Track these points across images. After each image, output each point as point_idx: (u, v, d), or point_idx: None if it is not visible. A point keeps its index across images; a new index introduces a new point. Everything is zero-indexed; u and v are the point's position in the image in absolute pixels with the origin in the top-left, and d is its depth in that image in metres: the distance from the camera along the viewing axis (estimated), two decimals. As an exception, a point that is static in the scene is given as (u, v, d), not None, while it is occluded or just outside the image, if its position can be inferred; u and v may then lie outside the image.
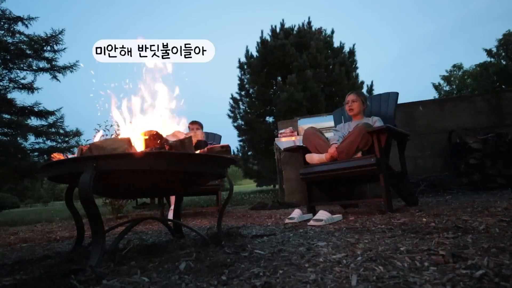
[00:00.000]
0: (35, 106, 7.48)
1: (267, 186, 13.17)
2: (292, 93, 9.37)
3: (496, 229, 1.33)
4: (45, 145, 7.71)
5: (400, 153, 2.72)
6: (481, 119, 4.25)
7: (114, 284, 0.94)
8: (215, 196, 3.98)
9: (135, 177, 1.38)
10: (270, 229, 1.98)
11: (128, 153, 1.31)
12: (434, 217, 1.84)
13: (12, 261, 1.48)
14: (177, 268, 1.07)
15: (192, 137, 1.57)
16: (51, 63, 7.59)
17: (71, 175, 1.35)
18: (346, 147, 2.44)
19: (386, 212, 2.22)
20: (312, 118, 4.72)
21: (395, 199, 3.03)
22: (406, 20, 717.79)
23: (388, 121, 2.71)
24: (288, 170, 4.51)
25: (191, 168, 1.42)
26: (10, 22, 7.09)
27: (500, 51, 18.52)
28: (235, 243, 1.45)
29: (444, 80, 24.17)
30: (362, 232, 1.58)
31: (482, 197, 2.86)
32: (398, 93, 2.82)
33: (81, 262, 1.22)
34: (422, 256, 1.02)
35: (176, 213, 1.92)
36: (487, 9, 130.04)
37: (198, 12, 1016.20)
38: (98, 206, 1.25)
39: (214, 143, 3.50)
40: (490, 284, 0.75)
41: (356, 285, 0.81)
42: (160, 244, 1.59)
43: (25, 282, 1.01)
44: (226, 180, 1.72)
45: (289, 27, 11.60)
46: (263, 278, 0.91)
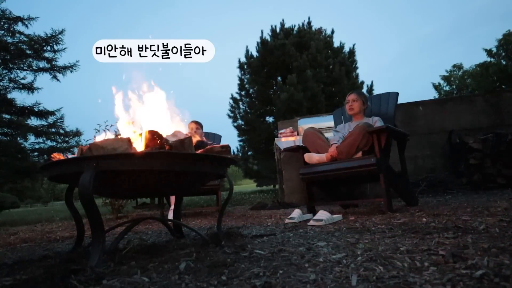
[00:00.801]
0: (35, 106, 7.49)
1: (267, 186, 13.18)
2: (292, 93, 9.37)
3: (496, 229, 1.33)
4: (45, 145, 7.71)
5: (400, 153, 2.72)
6: (481, 119, 4.25)
7: (114, 284, 0.93)
8: (215, 196, 3.98)
9: (135, 177, 1.38)
10: (270, 229, 1.98)
11: (128, 153, 1.32)
12: (434, 217, 1.84)
13: (12, 261, 1.48)
14: (177, 268, 1.07)
15: (192, 137, 1.57)
16: (51, 63, 7.59)
17: (71, 175, 1.35)
18: (347, 147, 2.44)
19: (386, 212, 2.22)
20: (312, 118, 4.71)
21: (395, 199, 3.03)
22: (406, 21, 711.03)
23: (388, 121, 2.71)
24: (288, 170, 4.51)
25: (191, 168, 1.42)
26: (10, 22, 7.09)
27: (500, 51, 18.52)
28: (235, 243, 1.45)
29: (444, 80, 24.17)
30: (362, 232, 1.58)
31: (482, 197, 2.86)
32: (398, 93, 2.82)
33: (81, 262, 1.22)
34: (422, 256, 1.02)
35: (176, 213, 1.92)
36: (487, 9, 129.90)
37: (198, 12, 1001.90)
38: (98, 206, 1.25)
39: (214, 143, 3.50)
40: (490, 284, 0.75)
41: (356, 285, 0.81)
42: (160, 244, 1.60)
43: (25, 282, 1.01)
44: (226, 180, 1.72)
45: (289, 27, 11.60)
46: (263, 278, 0.91)
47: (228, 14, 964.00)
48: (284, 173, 4.55)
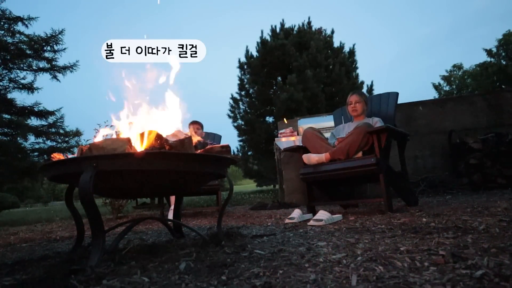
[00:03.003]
0: (35, 106, 7.47)
1: (267, 186, 13.17)
2: (292, 93, 9.37)
3: (496, 229, 1.33)
4: (45, 145, 7.69)
5: (400, 153, 2.72)
6: (481, 119, 4.25)
7: (114, 284, 0.93)
8: (215, 196, 3.98)
9: (135, 177, 1.38)
10: (270, 229, 1.98)
11: (128, 153, 1.31)
12: (434, 217, 1.84)
13: (12, 261, 1.48)
14: (177, 268, 1.07)
15: (192, 137, 1.57)
16: (51, 63, 7.58)
17: (71, 175, 1.35)
18: (346, 147, 2.43)
19: (386, 212, 2.22)
20: (312, 118, 4.71)
21: (395, 199, 3.03)
22: (406, 21, 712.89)
23: (388, 121, 2.71)
24: (288, 170, 4.51)
25: (191, 168, 1.42)
26: (10, 22, 7.08)
27: (500, 51, 18.51)
28: (235, 243, 1.45)
29: (444, 80, 24.15)
30: (362, 232, 1.58)
31: (482, 197, 2.86)
32: (398, 93, 2.82)
33: (81, 262, 1.22)
34: (422, 256, 1.02)
35: (176, 213, 1.92)
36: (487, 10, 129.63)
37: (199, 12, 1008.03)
38: (98, 206, 1.25)
39: (214, 143, 3.50)
40: (490, 284, 0.75)
41: (356, 285, 0.81)
42: (160, 244, 1.59)
43: (25, 282, 1.02)
44: (226, 180, 1.72)
45: (289, 27, 11.60)
46: (263, 278, 0.91)
47: (228, 14, 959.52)
48: (284, 173, 4.55)
